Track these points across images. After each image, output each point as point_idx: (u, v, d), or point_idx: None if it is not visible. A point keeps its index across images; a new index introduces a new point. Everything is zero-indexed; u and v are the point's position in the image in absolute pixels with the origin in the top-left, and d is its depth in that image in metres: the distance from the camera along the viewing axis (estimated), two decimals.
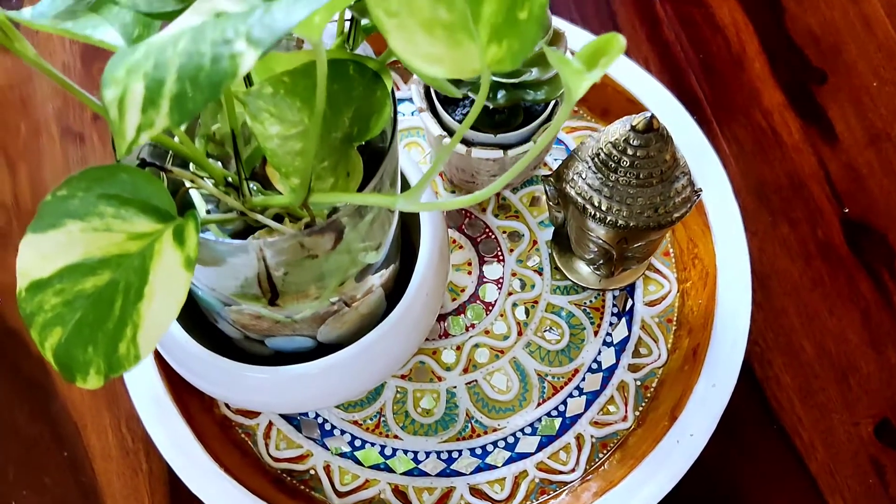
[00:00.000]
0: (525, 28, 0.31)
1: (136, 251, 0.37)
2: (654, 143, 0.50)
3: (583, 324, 0.60)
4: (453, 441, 0.57)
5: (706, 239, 0.61)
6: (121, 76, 0.29)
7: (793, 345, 0.62)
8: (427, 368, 0.59)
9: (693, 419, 0.56)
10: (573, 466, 0.57)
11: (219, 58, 0.27)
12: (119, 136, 0.29)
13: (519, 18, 0.31)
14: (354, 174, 0.44)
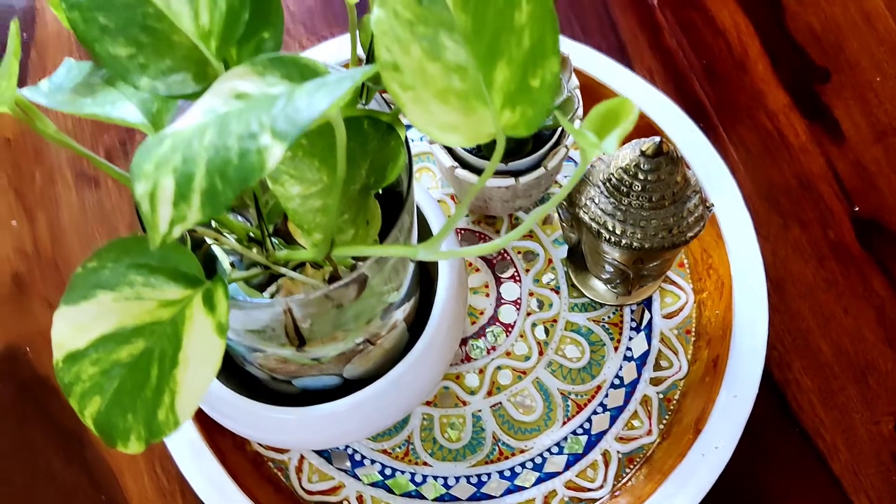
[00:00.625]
0: (538, 95, 0.31)
1: (167, 318, 0.38)
2: (664, 166, 0.51)
3: (602, 340, 0.61)
4: (482, 465, 0.58)
5: (720, 249, 0.62)
6: (150, 170, 0.30)
7: (810, 346, 0.62)
8: (451, 393, 0.60)
9: (717, 431, 0.56)
10: (601, 483, 0.58)
11: (246, 152, 0.28)
12: (152, 230, 0.30)
13: (532, 86, 0.31)
14: (374, 221, 0.45)
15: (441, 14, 0.32)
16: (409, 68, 0.32)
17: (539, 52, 0.31)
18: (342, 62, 0.67)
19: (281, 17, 0.35)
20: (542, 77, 0.31)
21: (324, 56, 0.68)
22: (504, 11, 0.31)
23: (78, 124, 0.70)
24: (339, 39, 0.69)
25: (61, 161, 0.68)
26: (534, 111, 0.32)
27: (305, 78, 0.33)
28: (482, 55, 0.32)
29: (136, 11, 0.33)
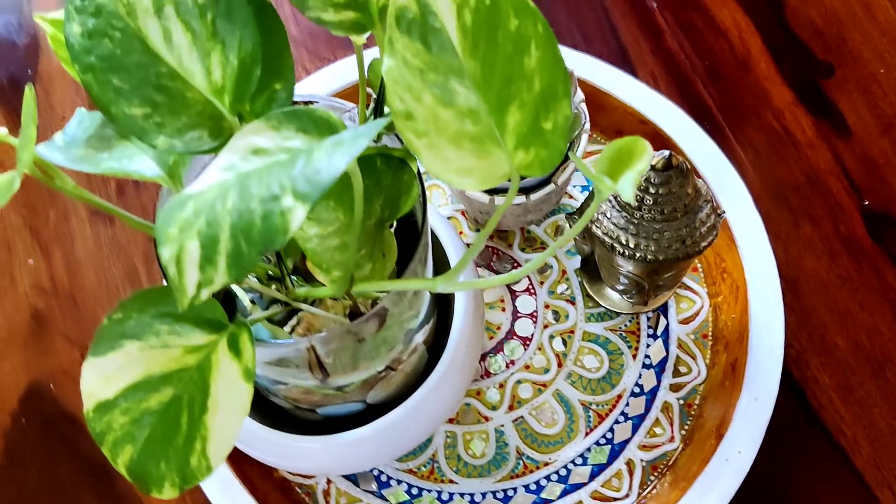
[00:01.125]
0: (551, 138, 0.32)
1: (194, 365, 0.38)
2: (675, 179, 0.51)
3: (620, 348, 0.62)
4: (507, 479, 0.59)
5: (733, 253, 0.62)
6: (175, 234, 0.30)
7: (827, 343, 0.63)
8: (473, 410, 0.61)
9: (739, 436, 0.57)
10: (626, 492, 0.58)
11: (269, 215, 0.29)
12: (180, 293, 0.30)
13: (544, 128, 0.32)
14: (390, 254, 0.45)
15: (450, 61, 0.32)
16: (421, 116, 0.33)
17: (550, 96, 0.31)
18: (346, 85, 0.68)
19: (292, 69, 0.35)
20: (555, 120, 0.31)
21: (327, 80, 0.68)
22: (513, 57, 0.32)
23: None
24: (342, 62, 0.69)
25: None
26: (548, 153, 0.32)
27: (320, 130, 0.33)
28: (493, 100, 0.33)
29: (150, 71, 0.34)
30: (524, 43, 0.31)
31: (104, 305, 0.66)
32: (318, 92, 0.67)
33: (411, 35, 0.32)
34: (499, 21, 0.31)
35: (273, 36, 0.35)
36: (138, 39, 0.34)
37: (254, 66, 0.33)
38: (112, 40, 0.34)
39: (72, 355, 0.65)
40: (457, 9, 0.32)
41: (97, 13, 0.34)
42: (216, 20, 0.33)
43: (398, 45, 0.32)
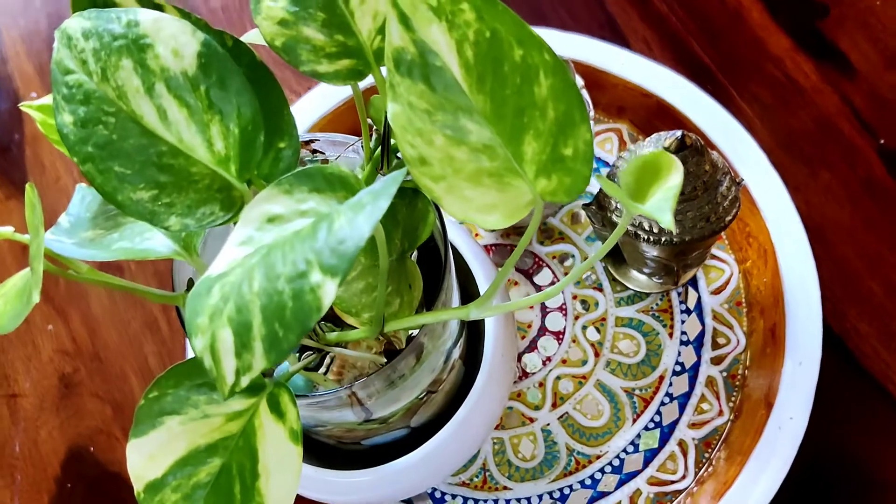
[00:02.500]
0: (574, 164, 0.31)
1: (238, 431, 0.37)
2: (691, 158, 0.50)
3: (655, 329, 0.61)
4: (561, 478, 0.58)
5: (755, 215, 0.61)
6: (205, 323, 0.29)
7: (862, 291, 0.62)
8: (516, 413, 0.60)
9: (789, 402, 0.56)
10: (683, 473, 0.58)
11: (299, 293, 0.28)
12: (220, 382, 0.29)
13: (565, 155, 0.31)
14: (415, 284, 0.44)
15: (457, 99, 0.31)
16: (435, 159, 0.31)
17: (567, 123, 0.30)
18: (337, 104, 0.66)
19: (294, 125, 0.34)
20: (575, 146, 0.30)
21: (318, 102, 0.66)
22: (522, 88, 0.30)
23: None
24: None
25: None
26: (572, 179, 0.31)
27: (334, 187, 0.32)
28: (507, 132, 0.31)
29: (150, 152, 0.33)
30: (532, 72, 0.30)
31: (129, 359, 0.65)
32: (309, 115, 0.65)
33: (413, 77, 0.31)
34: (502, 53, 0.30)
35: (270, 94, 0.34)
36: (133, 122, 0.33)
37: (256, 132, 0.32)
38: (107, 126, 0.32)
39: (105, 413, 0.64)
40: (456, 45, 0.30)
41: (87, 101, 0.32)
42: (210, 91, 0.32)
43: (401, 90, 0.31)
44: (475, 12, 0.30)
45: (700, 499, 0.56)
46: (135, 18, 0.32)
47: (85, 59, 0.32)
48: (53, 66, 0.33)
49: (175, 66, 0.32)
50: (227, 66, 0.32)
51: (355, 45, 0.34)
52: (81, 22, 0.33)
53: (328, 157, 0.46)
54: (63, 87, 0.33)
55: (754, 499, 0.55)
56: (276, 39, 0.33)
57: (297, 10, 0.33)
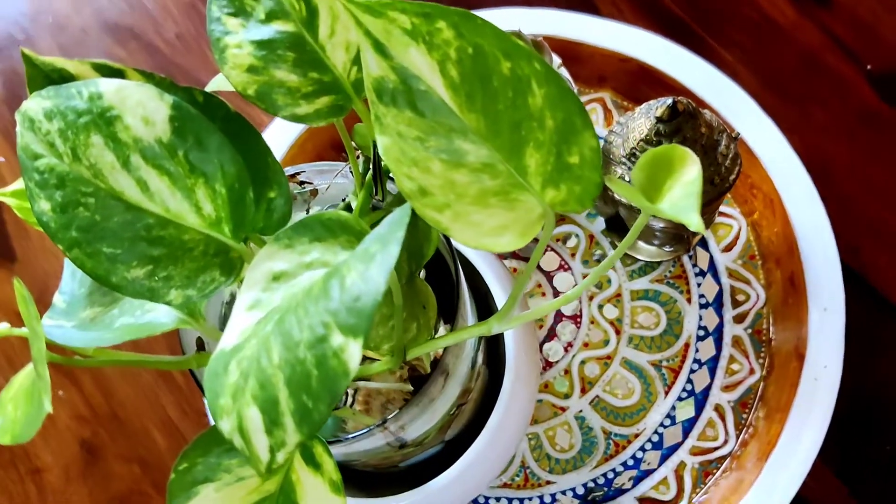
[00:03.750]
0: (581, 171, 0.29)
1: (276, 490, 0.36)
2: (686, 124, 0.48)
3: (672, 297, 0.60)
4: (603, 463, 0.57)
5: (756, 166, 0.59)
6: (228, 404, 0.28)
7: (874, 223, 0.60)
8: (546, 405, 0.59)
9: (820, 350, 0.55)
10: (724, 438, 0.57)
11: (323, 360, 0.26)
12: (255, 462, 0.28)
13: (571, 163, 0.29)
14: (429, 303, 0.43)
15: (448, 121, 0.30)
16: (436, 187, 0.30)
17: (568, 131, 0.29)
18: None
19: (281, 171, 0.32)
20: (581, 153, 0.29)
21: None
22: (515, 101, 0.29)
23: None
24: None
25: None
26: (582, 187, 0.29)
27: (335, 233, 0.31)
28: (506, 147, 0.30)
29: (137, 227, 0.31)
30: (523, 84, 0.28)
31: (148, 414, 0.64)
32: (285, 137, 0.63)
33: (398, 105, 0.29)
34: (489, 68, 0.28)
35: (250, 144, 0.32)
36: (114, 198, 0.31)
37: (244, 188, 0.31)
38: (87, 207, 0.31)
39: (133, 473, 0.63)
40: (439, 66, 0.29)
41: (62, 184, 0.31)
42: (189, 154, 0.30)
43: (388, 120, 0.30)
44: (453, 30, 0.28)
45: (746, 461, 0.55)
46: (97, 91, 0.30)
47: (52, 140, 0.31)
48: (20, 153, 0.32)
49: (148, 134, 0.30)
50: (202, 125, 0.30)
51: (332, 81, 0.32)
52: (41, 102, 0.31)
53: (316, 186, 0.44)
54: (34, 173, 0.31)
55: (801, 454, 0.54)
56: (248, 88, 0.32)
57: (265, 54, 0.31)
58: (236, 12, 0.31)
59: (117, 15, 0.72)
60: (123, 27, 0.72)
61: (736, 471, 0.55)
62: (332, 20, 0.31)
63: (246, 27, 0.31)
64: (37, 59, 0.32)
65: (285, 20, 0.31)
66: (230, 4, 0.31)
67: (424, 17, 0.28)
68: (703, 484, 0.56)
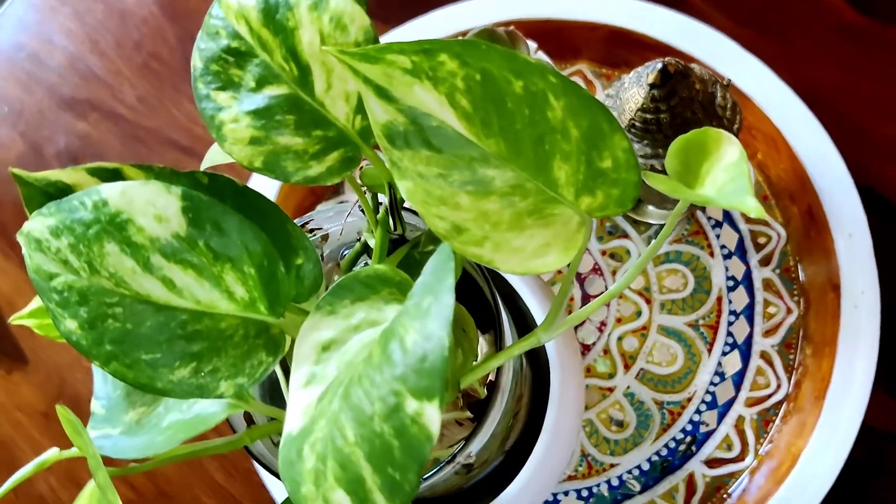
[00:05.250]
0: (617, 174, 0.28)
1: None
2: (679, 84, 0.47)
3: (694, 254, 0.59)
4: (662, 434, 0.57)
5: (750, 107, 0.58)
6: (312, 492, 0.27)
7: (876, 137, 0.60)
8: (593, 389, 0.58)
9: (853, 276, 0.54)
10: (776, 383, 0.56)
11: (402, 429, 0.25)
12: None
13: (604, 168, 0.28)
14: (468, 325, 0.42)
15: (467, 151, 0.28)
16: (469, 221, 0.29)
17: (596, 136, 0.27)
18: None
19: (304, 235, 0.31)
20: (614, 156, 0.28)
21: None
22: (533, 117, 0.28)
23: None
24: None
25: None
26: (620, 189, 0.28)
27: (375, 289, 0.30)
28: (531, 165, 0.29)
29: (172, 327, 0.30)
30: (539, 99, 0.27)
31: (197, 484, 0.62)
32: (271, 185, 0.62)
33: (412, 146, 0.28)
34: (500, 90, 0.27)
35: (266, 215, 0.31)
36: (142, 303, 0.30)
37: (274, 264, 0.29)
38: (116, 318, 0.29)
39: None
40: (448, 99, 0.28)
41: (84, 300, 0.29)
42: (209, 243, 0.29)
43: (405, 163, 0.28)
44: (457, 60, 0.27)
45: (803, 402, 0.55)
46: (101, 198, 0.29)
47: (64, 257, 0.29)
48: (33, 276, 0.30)
49: (163, 232, 0.29)
50: (217, 209, 0.29)
51: (337, 135, 0.31)
52: (44, 220, 0.30)
53: (327, 230, 0.43)
54: (53, 293, 0.30)
55: (857, 383, 0.53)
56: (255, 161, 0.30)
57: (264, 122, 0.30)
58: (224, 86, 0.30)
59: (72, 89, 0.70)
60: (81, 100, 0.70)
61: (795, 414, 0.55)
62: (327, 74, 0.30)
63: (238, 99, 0.30)
64: (29, 177, 0.30)
65: (277, 84, 0.30)
66: (216, 79, 0.30)
67: (424, 53, 0.27)
68: (766, 433, 0.55)
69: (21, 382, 0.67)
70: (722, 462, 0.56)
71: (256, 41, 0.29)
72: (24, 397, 0.66)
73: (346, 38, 0.29)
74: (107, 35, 0.71)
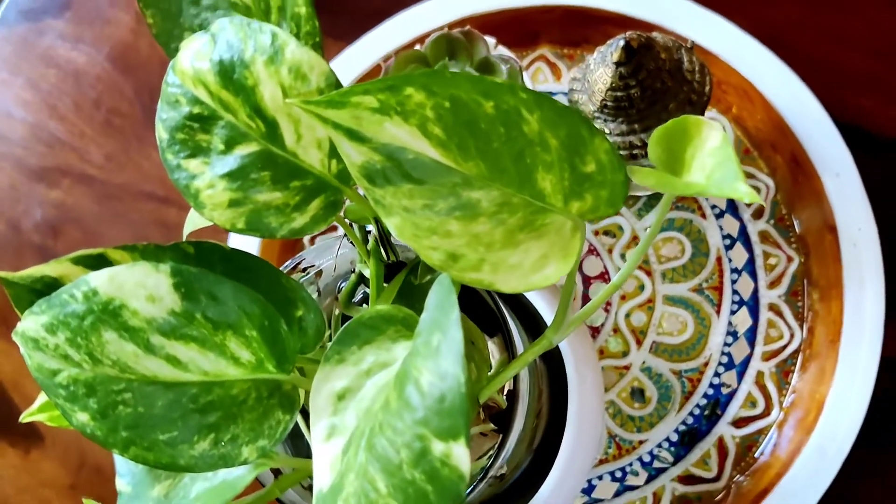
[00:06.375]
0: (602, 177, 0.28)
1: None
2: (644, 57, 0.47)
3: (686, 218, 0.58)
4: (685, 402, 0.57)
5: (716, 63, 0.58)
6: None
7: (844, 70, 0.59)
8: (609, 369, 0.58)
9: (847, 214, 0.54)
10: (789, 333, 0.56)
11: (433, 473, 0.25)
12: None
13: (588, 172, 0.28)
14: (476, 337, 0.42)
15: (448, 178, 0.28)
16: (463, 246, 0.28)
17: (576, 142, 0.27)
18: None
19: (300, 287, 0.31)
20: (596, 160, 0.27)
21: None
22: (510, 134, 0.27)
23: None
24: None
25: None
26: (608, 191, 0.28)
27: (381, 330, 0.29)
28: (514, 180, 0.28)
29: (184, 402, 0.29)
30: (512, 116, 0.27)
31: None
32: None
33: (393, 182, 0.28)
34: (472, 113, 0.27)
35: (259, 273, 0.30)
36: (149, 384, 0.29)
37: (275, 322, 0.29)
38: (127, 404, 0.29)
39: None
40: (420, 130, 0.27)
41: (91, 392, 0.29)
42: (207, 313, 0.28)
43: (388, 200, 0.28)
44: (423, 91, 0.26)
45: (819, 348, 0.55)
46: (89, 288, 0.28)
47: (64, 352, 0.29)
48: (36, 375, 0.30)
49: (158, 311, 0.28)
50: (208, 279, 0.28)
51: (315, 183, 0.30)
52: (37, 318, 0.29)
53: (321, 266, 0.43)
54: (59, 389, 0.29)
55: (869, 319, 0.53)
56: (237, 223, 0.30)
57: (241, 183, 0.30)
58: (193, 153, 0.29)
59: (39, 159, 0.70)
60: (50, 169, 0.69)
61: (813, 360, 0.55)
62: (295, 125, 0.29)
63: (210, 164, 0.29)
64: (13, 277, 0.30)
65: (247, 142, 0.30)
66: (184, 147, 0.29)
67: (390, 90, 0.26)
68: (787, 385, 0.55)
69: (41, 459, 0.66)
70: (748, 420, 0.55)
71: (218, 104, 0.29)
72: (48, 473, 0.66)
73: (307, 87, 0.29)
74: (64, 99, 0.70)
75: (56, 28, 0.70)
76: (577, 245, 0.29)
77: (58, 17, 0.71)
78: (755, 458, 0.55)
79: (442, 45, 0.48)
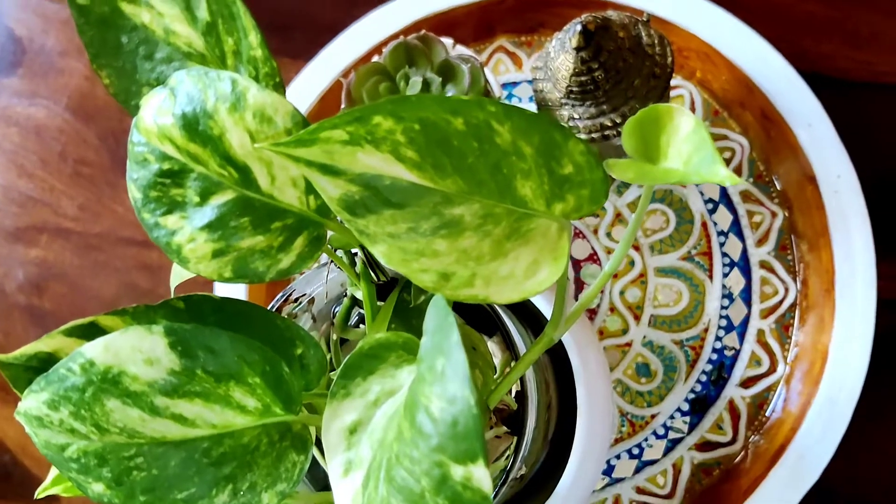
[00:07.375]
0: (581, 177, 0.27)
1: None
2: (603, 38, 0.47)
3: (667, 188, 0.58)
4: (691, 371, 0.57)
5: (674, 30, 0.58)
6: None
7: (801, 16, 0.59)
8: (611, 348, 0.58)
9: (823, 163, 0.55)
10: (783, 287, 0.56)
11: (456, 497, 0.25)
12: None
13: (566, 174, 0.28)
14: (476, 341, 0.42)
15: (429, 198, 0.28)
16: (452, 263, 0.28)
17: (550, 148, 0.27)
18: None
19: (296, 326, 0.31)
20: (573, 161, 0.27)
21: None
22: (483, 147, 0.27)
23: None
24: None
25: None
26: (590, 189, 0.28)
27: (382, 359, 0.29)
28: (494, 191, 0.28)
29: (197, 458, 0.29)
30: (483, 130, 0.27)
31: None
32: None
33: (373, 210, 0.28)
34: (443, 132, 0.27)
35: (252, 318, 0.30)
36: (160, 446, 0.29)
37: (276, 366, 0.29)
38: (140, 468, 0.29)
39: None
40: (393, 155, 0.27)
41: (103, 462, 0.29)
42: (206, 368, 0.28)
43: (372, 229, 0.28)
44: (391, 117, 0.26)
45: (815, 298, 0.55)
46: (86, 359, 0.28)
47: (70, 426, 0.29)
48: (45, 452, 0.30)
49: (158, 373, 0.28)
50: (203, 333, 0.28)
51: (296, 221, 0.30)
52: (38, 396, 0.29)
53: (312, 294, 0.42)
54: (70, 463, 0.29)
55: (861, 262, 0.54)
56: (224, 272, 0.30)
57: (221, 232, 0.29)
58: (169, 209, 0.29)
59: (13, 220, 0.69)
60: (25, 228, 0.69)
61: (811, 311, 0.55)
62: (267, 167, 0.29)
63: (187, 217, 0.29)
64: (7, 358, 0.30)
65: (221, 191, 0.29)
66: (159, 205, 0.29)
67: (358, 121, 0.26)
68: (789, 339, 0.56)
69: None
70: (756, 379, 0.56)
71: (187, 157, 0.29)
72: None
73: (274, 129, 0.28)
74: (29, 156, 0.69)
75: (10, 86, 0.70)
76: (566, 245, 0.29)
77: (10, 74, 0.70)
78: (767, 416, 0.55)
79: (400, 54, 0.47)
